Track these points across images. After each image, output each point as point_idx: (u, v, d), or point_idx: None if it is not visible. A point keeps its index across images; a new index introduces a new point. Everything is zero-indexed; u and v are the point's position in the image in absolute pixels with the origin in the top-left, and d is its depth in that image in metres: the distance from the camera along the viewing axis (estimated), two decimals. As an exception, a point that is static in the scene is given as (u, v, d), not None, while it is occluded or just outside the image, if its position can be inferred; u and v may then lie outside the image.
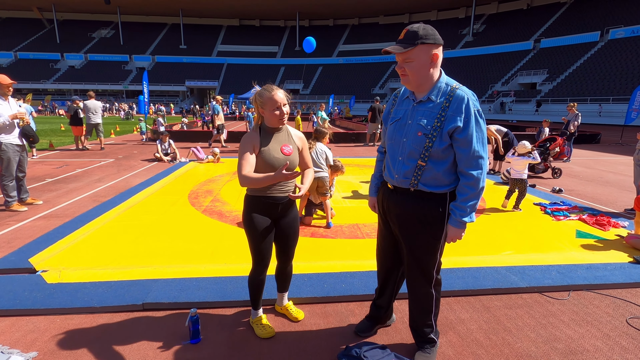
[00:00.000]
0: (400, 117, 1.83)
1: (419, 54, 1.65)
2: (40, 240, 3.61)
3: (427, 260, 1.86)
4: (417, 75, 1.70)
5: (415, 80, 1.72)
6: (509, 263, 3.24)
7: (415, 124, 1.74)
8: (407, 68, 1.69)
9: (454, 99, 1.67)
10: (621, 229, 4.22)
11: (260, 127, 2.09)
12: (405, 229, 1.85)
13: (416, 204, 1.78)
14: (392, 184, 1.88)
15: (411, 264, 1.90)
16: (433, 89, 1.73)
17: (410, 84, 1.76)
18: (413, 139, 1.73)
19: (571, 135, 9.64)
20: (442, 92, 1.71)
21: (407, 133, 1.76)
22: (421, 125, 1.71)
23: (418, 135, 1.72)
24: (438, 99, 1.71)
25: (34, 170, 7.34)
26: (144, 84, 12.91)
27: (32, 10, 61.25)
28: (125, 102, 45.43)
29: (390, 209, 1.91)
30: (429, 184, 1.76)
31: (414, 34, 1.64)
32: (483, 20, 53.84)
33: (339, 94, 44.59)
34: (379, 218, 2.10)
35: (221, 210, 4.80)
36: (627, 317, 2.50)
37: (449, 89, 1.71)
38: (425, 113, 1.72)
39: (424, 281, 1.90)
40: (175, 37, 62.40)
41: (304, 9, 60.92)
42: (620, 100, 26.69)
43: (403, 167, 1.78)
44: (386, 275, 2.17)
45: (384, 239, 2.08)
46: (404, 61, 1.69)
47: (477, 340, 2.24)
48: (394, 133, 1.83)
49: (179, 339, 2.20)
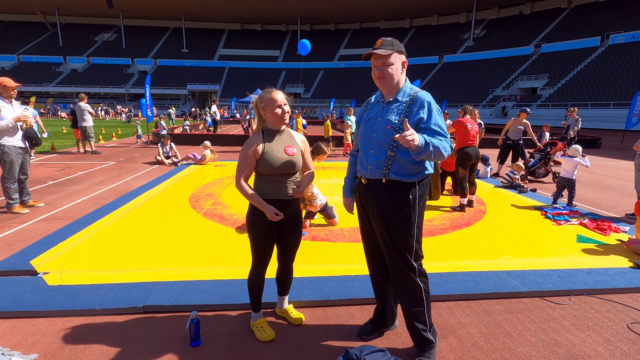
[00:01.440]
0: (371, 117, 2.06)
1: (395, 58, 1.93)
2: (42, 242, 3.62)
3: (405, 247, 1.97)
4: (393, 78, 1.95)
5: (391, 82, 1.96)
6: (509, 267, 3.24)
7: (384, 120, 1.97)
8: (387, 71, 1.93)
9: (417, 98, 1.94)
10: (622, 234, 4.22)
11: (263, 130, 2.12)
12: (382, 218, 1.98)
13: (389, 192, 1.95)
14: (366, 177, 2.05)
15: (391, 254, 2.00)
16: (400, 92, 1.99)
17: (387, 86, 1.98)
18: (382, 133, 1.95)
19: (571, 140, 9.66)
20: (406, 94, 1.99)
21: (377, 129, 1.98)
22: (390, 120, 1.95)
23: (387, 128, 1.94)
24: (403, 99, 1.97)
25: (36, 173, 7.37)
26: (146, 87, 12.94)
27: (36, 13, 61.66)
28: (124, 106, 45.56)
29: (367, 201, 2.05)
30: (398, 173, 1.93)
31: (390, 42, 1.93)
32: (484, 25, 54.03)
33: (340, 98, 44.69)
34: (360, 219, 2.21)
35: (222, 214, 4.81)
36: (628, 322, 2.50)
37: (412, 91, 1.99)
38: (393, 110, 1.96)
39: (407, 270, 1.99)
40: (178, 41, 62.72)
41: (305, 14, 61.24)
42: (620, 105, 26.72)
43: (375, 157, 1.97)
44: (379, 279, 2.22)
45: (369, 240, 2.19)
46: (383, 64, 1.93)
47: (478, 344, 2.23)
48: (365, 131, 2.05)
49: (179, 342, 2.20)
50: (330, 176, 7.66)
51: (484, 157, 7.67)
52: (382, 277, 2.22)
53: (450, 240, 3.98)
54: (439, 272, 3.08)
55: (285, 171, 2.08)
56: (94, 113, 10.68)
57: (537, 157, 7.67)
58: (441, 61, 51.12)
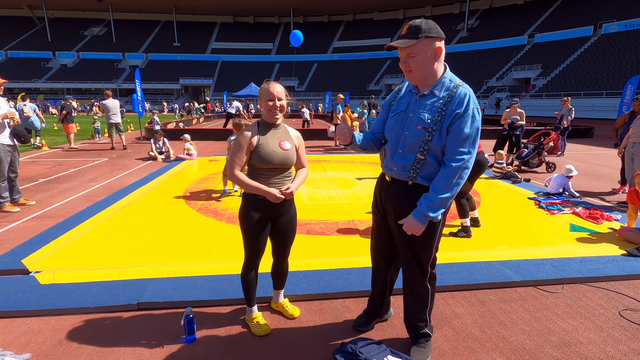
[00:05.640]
0: (402, 110, 1.83)
1: (423, 47, 1.65)
2: (34, 240, 3.58)
3: (422, 254, 1.87)
4: (422, 70, 1.69)
5: (420, 75, 1.71)
6: (503, 257, 3.26)
7: (416, 117, 1.73)
8: (412, 63, 1.68)
9: (457, 95, 1.67)
10: (614, 222, 4.26)
11: (259, 123, 2.10)
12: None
13: (413, 197, 1.77)
14: (390, 176, 1.89)
15: (407, 258, 1.91)
16: (437, 84, 1.72)
17: (415, 80, 1.75)
18: (413, 132, 1.73)
19: (565, 130, 9.69)
20: (445, 88, 1.71)
21: (409, 126, 1.76)
22: (421, 119, 1.71)
23: (418, 128, 1.71)
24: (441, 94, 1.71)
25: (27, 171, 7.26)
26: (136, 82, 12.74)
27: (23, 8, 60.39)
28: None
29: (387, 201, 1.91)
30: (427, 178, 1.76)
31: (416, 28, 1.63)
32: (477, 15, 53.88)
33: (335, 90, 44.46)
34: (375, 213, 2.10)
35: (216, 209, 4.78)
36: (620, 309, 2.53)
37: (452, 85, 1.71)
38: (427, 107, 1.72)
39: (421, 275, 1.92)
40: (169, 35, 61.84)
41: (298, 5, 60.60)
42: (613, 94, 26.86)
43: (403, 159, 1.78)
44: (381, 272, 2.19)
45: (381, 235, 2.08)
46: (407, 56, 1.68)
47: (472, 334, 2.25)
48: (396, 125, 1.84)
49: (174, 338, 2.19)
50: (326, 169, 7.65)
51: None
52: (385, 274, 2.18)
53: (445, 231, 4.00)
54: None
55: (278, 165, 2.06)
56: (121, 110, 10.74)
57: (531, 147, 7.71)
58: (435, 52, 50.95)
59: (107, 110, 10.23)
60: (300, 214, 4.35)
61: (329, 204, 5.05)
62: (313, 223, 4.25)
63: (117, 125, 10.52)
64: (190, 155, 8.84)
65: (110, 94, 10.46)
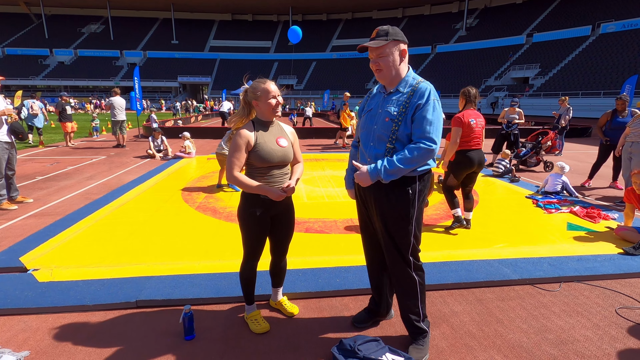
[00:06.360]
0: (372, 108, 2.02)
1: (391, 48, 1.86)
2: (31, 238, 3.57)
3: (402, 242, 1.96)
4: (390, 69, 1.88)
5: (389, 73, 1.90)
6: (501, 256, 3.27)
7: (384, 112, 1.92)
8: (381, 62, 1.87)
9: (418, 89, 1.86)
10: (611, 221, 4.28)
11: (254, 122, 2.08)
12: (380, 212, 1.95)
13: (388, 186, 1.90)
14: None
15: (389, 247, 2.00)
16: (401, 82, 1.92)
17: (384, 78, 1.93)
18: (381, 125, 1.91)
19: (563, 129, 9.73)
20: (408, 84, 1.91)
21: (377, 121, 1.94)
22: (389, 112, 1.89)
23: (385, 120, 1.89)
24: (405, 90, 1.90)
25: (24, 168, 7.23)
26: (135, 80, 12.68)
27: (19, 5, 59.92)
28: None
29: (368, 195, 2.01)
30: None
31: (385, 32, 1.85)
32: (476, 14, 53.84)
33: (333, 89, 44.40)
34: (359, 212, 2.19)
35: (215, 207, 4.78)
36: (616, 307, 2.55)
37: (415, 82, 1.90)
38: (393, 102, 1.90)
39: (403, 264, 1.99)
40: (167, 32, 61.48)
41: (297, 4, 60.38)
42: (610, 94, 26.92)
43: (374, 150, 1.94)
44: (375, 266, 2.24)
45: (367, 229, 2.18)
46: (377, 56, 1.87)
47: (470, 332, 2.26)
48: (366, 122, 2.02)
49: (173, 336, 2.19)
50: (324, 168, 7.65)
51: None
52: (379, 270, 2.23)
53: (439, 228, 4.01)
54: (432, 262, 3.10)
55: (277, 163, 2.06)
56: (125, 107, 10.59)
57: (529, 147, 7.73)
58: (434, 51, 50.94)
59: (114, 108, 10.19)
60: (299, 213, 4.34)
61: (327, 203, 5.05)
62: (312, 221, 4.25)
63: (122, 123, 10.50)
64: (188, 153, 8.82)
65: (119, 91, 10.45)
